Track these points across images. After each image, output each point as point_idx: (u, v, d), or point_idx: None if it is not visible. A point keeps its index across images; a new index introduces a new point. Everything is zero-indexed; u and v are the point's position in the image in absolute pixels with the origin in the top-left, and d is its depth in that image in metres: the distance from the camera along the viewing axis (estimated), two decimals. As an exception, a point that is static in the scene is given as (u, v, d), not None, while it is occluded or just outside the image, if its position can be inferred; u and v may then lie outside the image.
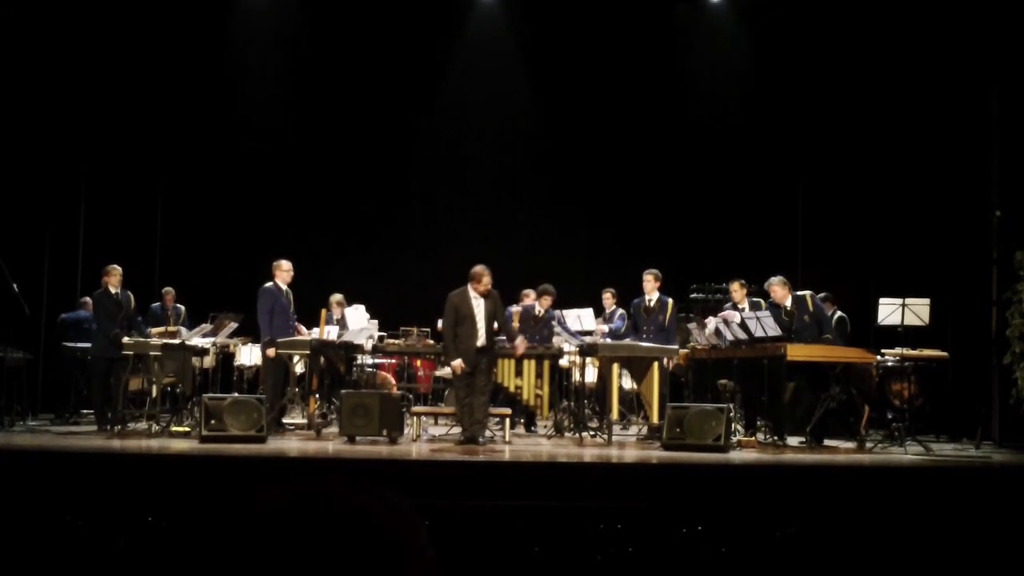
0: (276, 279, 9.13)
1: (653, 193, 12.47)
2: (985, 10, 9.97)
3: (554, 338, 9.48)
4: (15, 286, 9.01)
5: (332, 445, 7.79)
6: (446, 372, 9.47)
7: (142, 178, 11.78)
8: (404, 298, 11.34)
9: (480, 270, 8.26)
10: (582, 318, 10.27)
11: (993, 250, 9.76)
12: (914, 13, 10.60)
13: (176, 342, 8.75)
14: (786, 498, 6.00)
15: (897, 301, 8.57)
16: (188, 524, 5.02)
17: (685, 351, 9.39)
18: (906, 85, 10.76)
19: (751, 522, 5.35)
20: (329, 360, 9.05)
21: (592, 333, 9.95)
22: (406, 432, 8.40)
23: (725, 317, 8.91)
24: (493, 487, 6.04)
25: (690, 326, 9.65)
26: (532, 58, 12.74)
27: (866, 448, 8.10)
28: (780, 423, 8.37)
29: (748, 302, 9.17)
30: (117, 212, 11.44)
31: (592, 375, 9.73)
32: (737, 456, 7.45)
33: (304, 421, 9.44)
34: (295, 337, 9.01)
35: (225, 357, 10.58)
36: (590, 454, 7.41)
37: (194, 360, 8.99)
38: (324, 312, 9.60)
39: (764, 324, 8.30)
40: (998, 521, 5.52)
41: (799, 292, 8.84)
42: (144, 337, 9.01)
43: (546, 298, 9.51)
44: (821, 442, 8.37)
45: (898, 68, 10.83)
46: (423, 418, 9.15)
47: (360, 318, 9.64)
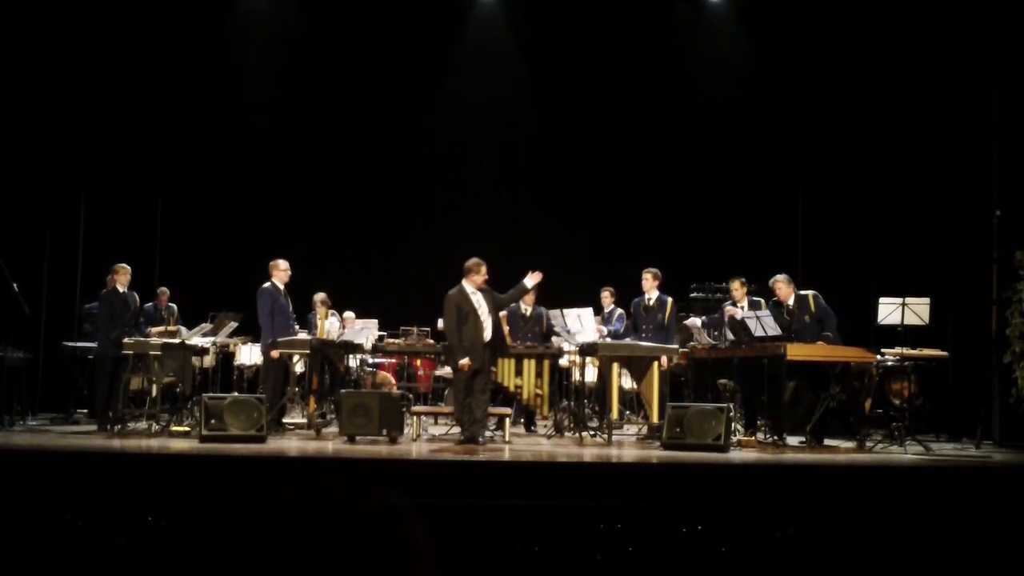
0: (274, 279, 9.12)
1: (653, 193, 12.46)
2: (985, 10, 9.97)
3: (554, 338, 9.47)
4: (15, 286, 9.01)
5: (332, 445, 7.79)
6: (446, 372, 9.48)
7: (142, 178, 11.77)
8: (404, 298, 11.34)
9: (475, 262, 8.20)
10: (582, 318, 10.25)
11: (993, 250, 9.76)
12: (914, 13, 10.60)
13: (176, 342, 8.74)
14: (786, 498, 6.00)
15: (897, 300, 8.56)
16: (188, 524, 5.02)
17: (685, 351, 9.39)
18: (906, 85, 10.76)
19: (751, 522, 5.35)
20: (329, 360, 9.05)
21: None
22: (406, 432, 8.39)
23: (730, 313, 8.89)
24: (493, 487, 6.04)
25: (688, 323, 9.65)
26: (532, 58, 12.74)
27: (866, 448, 8.11)
28: (780, 423, 8.37)
29: (748, 301, 9.17)
30: (117, 212, 11.43)
31: (592, 375, 9.72)
32: (737, 456, 7.46)
33: (304, 421, 9.44)
34: (295, 337, 9.01)
35: (225, 357, 10.59)
36: (590, 454, 7.41)
37: (194, 360, 8.99)
38: (325, 312, 9.62)
39: (764, 324, 8.30)
40: (998, 521, 5.52)
41: (802, 291, 8.84)
42: (144, 337, 9.01)
43: (528, 295, 9.44)
44: (821, 442, 8.37)
45: (898, 68, 10.83)
46: (423, 418, 9.15)
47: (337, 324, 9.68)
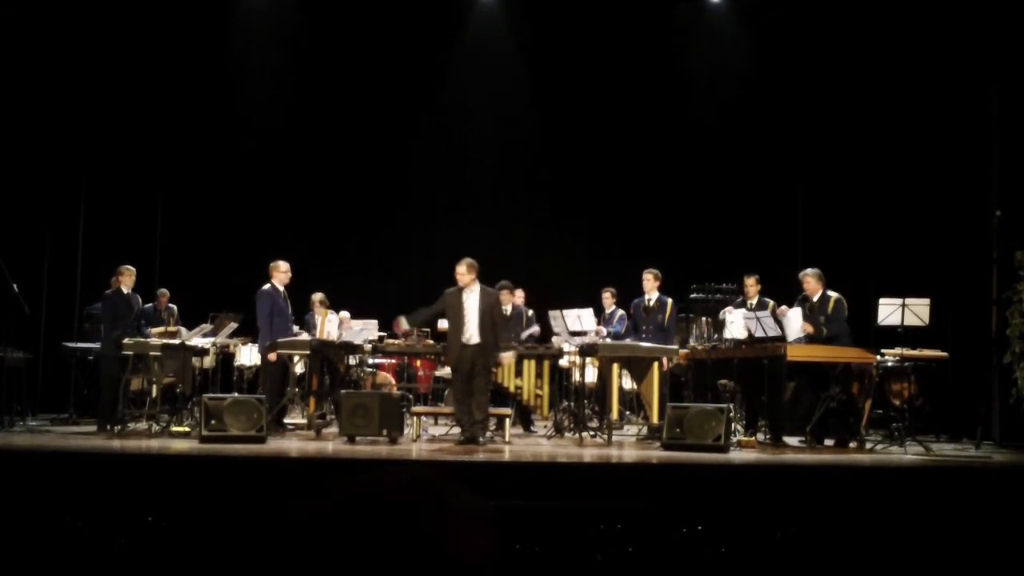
0: (273, 280, 9.12)
1: (653, 193, 12.46)
2: (985, 10, 9.97)
3: (554, 338, 9.46)
4: (15, 286, 9.01)
5: (332, 445, 7.79)
6: (446, 372, 9.46)
7: (142, 178, 11.77)
8: (404, 298, 11.32)
9: (459, 264, 8.11)
10: (582, 318, 10.25)
11: (993, 250, 9.76)
12: (914, 13, 10.60)
13: (176, 342, 8.75)
14: (786, 498, 6.00)
15: (897, 301, 8.55)
16: (188, 524, 5.02)
17: (685, 351, 9.39)
18: (906, 85, 10.76)
19: (751, 522, 5.35)
20: (329, 360, 9.05)
21: (586, 334, 9.88)
22: (406, 432, 8.39)
23: (780, 312, 8.67)
24: (493, 487, 6.03)
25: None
26: (532, 58, 12.73)
27: (866, 448, 8.10)
28: (779, 423, 8.36)
29: (757, 300, 9.12)
30: (117, 212, 11.44)
31: (592, 375, 9.72)
32: (737, 456, 7.46)
33: (304, 421, 9.44)
34: (295, 337, 9.01)
35: (225, 357, 10.58)
36: (590, 454, 7.41)
37: (194, 360, 8.99)
38: (325, 312, 9.61)
39: (764, 324, 8.29)
40: (998, 521, 5.51)
41: (831, 292, 8.75)
42: (144, 338, 9.01)
43: (506, 294, 9.40)
44: (821, 442, 8.36)
45: (898, 68, 10.83)
46: (423, 418, 9.15)
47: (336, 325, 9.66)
